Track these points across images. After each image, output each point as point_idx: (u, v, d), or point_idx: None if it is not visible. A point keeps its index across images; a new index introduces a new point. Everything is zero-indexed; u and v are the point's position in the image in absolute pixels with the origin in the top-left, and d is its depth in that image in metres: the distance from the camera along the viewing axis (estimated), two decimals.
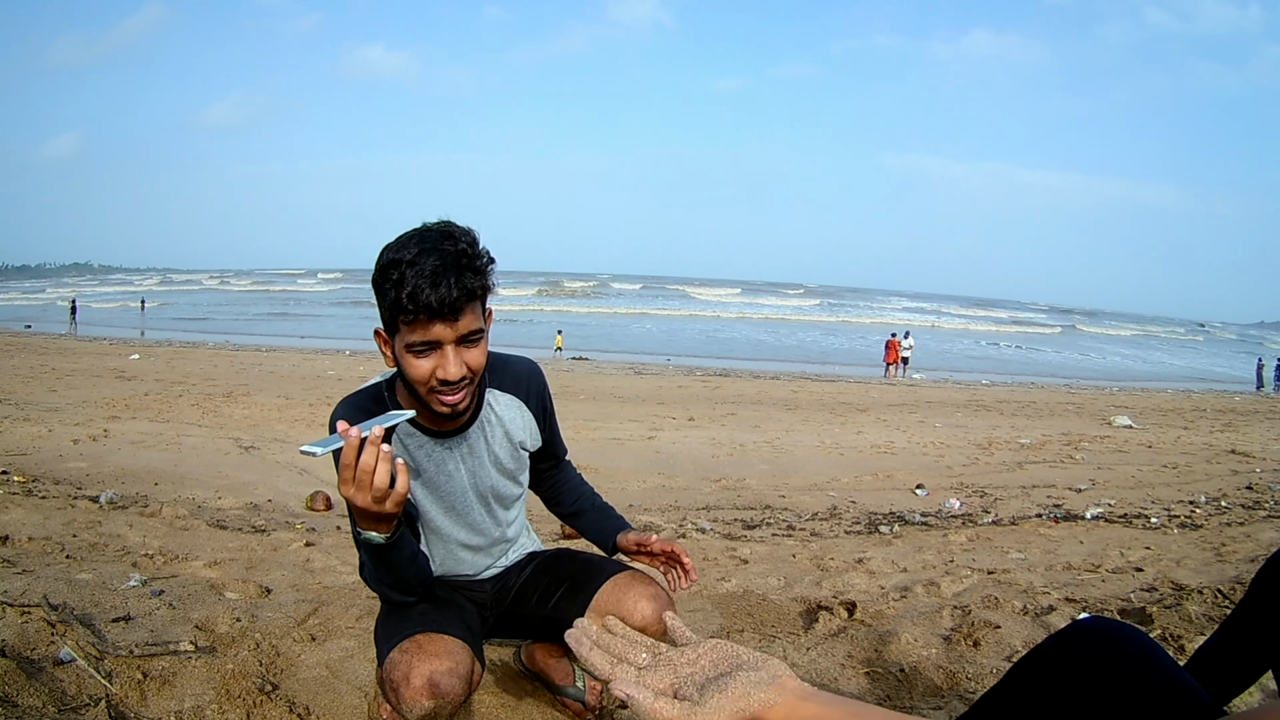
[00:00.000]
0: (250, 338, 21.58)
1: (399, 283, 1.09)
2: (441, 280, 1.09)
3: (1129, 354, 32.49)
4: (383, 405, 1.25)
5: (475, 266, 1.13)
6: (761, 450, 6.60)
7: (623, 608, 1.34)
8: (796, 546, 3.26)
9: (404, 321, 1.12)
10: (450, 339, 1.13)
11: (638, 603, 1.34)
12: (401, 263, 1.10)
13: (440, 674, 1.16)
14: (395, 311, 1.12)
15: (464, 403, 1.20)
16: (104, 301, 37.92)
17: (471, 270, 1.12)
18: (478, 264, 1.14)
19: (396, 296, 1.10)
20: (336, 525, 3.55)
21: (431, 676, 1.15)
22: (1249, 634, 1.12)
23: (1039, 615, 2.23)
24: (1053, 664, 0.90)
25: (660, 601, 1.34)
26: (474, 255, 1.14)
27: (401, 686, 1.15)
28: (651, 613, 1.32)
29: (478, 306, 1.16)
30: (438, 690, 1.15)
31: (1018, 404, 11.31)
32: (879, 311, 42.17)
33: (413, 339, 1.12)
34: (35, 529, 2.80)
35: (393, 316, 1.13)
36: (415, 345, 1.13)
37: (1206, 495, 4.70)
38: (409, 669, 1.16)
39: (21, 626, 1.64)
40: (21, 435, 5.48)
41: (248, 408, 7.70)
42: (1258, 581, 1.14)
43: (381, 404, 1.26)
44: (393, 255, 1.11)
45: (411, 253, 1.10)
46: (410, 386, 1.19)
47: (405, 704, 1.15)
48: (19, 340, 16.29)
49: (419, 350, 1.14)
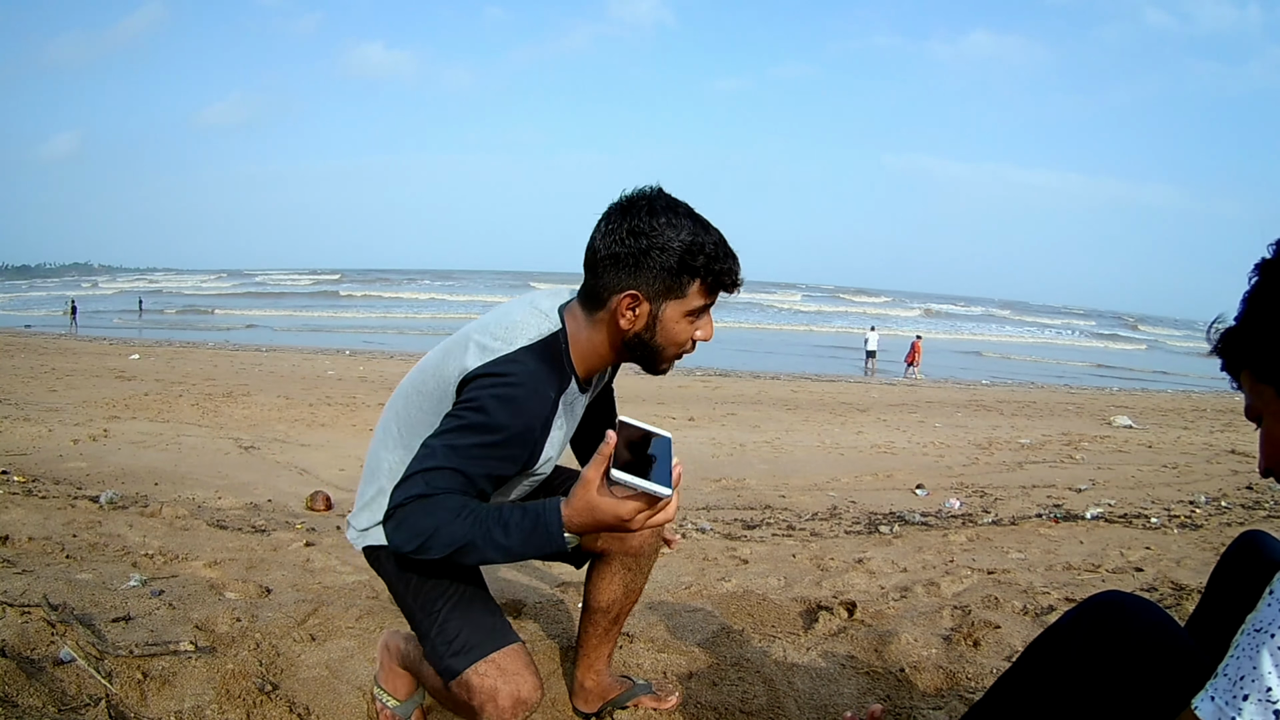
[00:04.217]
0: (251, 338, 21.58)
1: (713, 258, 1.23)
2: (737, 261, 1.27)
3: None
4: (563, 368, 1.30)
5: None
6: (761, 450, 6.60)
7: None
8: (796, 546, 3.26)
9: (702, 294, 1.26)
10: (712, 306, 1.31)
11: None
12: (706, 244, 1.23)
13: (525, 691, 1.27)
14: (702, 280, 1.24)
15: None
16: (102, 305, 37.87)
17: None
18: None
19: (717, 270, 1.24)
20: (336, 525, 3.55)
21: (518, 694, 1.26)
22: (1209, 632, 1.12)
23: (1039, 615, 2.23)
24: (1071, 635, 0.95)
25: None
26: None
27: (489, 705, 1.25)
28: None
29: None
30: (526, 706, 1.27)
31: (1018, 404, 11.32)
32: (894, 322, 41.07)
33: (696, 305, 1.27)
34: (35, 529, 2.80)
35: (678, 284, 1.24)
36: (696, 311, 1.27)
37: (1206, 495, 4.70)
38: (495, 690, 1.25)
39: (21, 626, 1.65)
40: (21, 435, 5.48)
41: (248, 408, 7.70)
42: (1214, 579, 1.15)
43: (562, 367, 1.30)
44: (687, 238, 1.22)
45: (710, 237, 1.24)
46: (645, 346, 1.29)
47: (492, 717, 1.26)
48: (19, 340, 16.29)
49: (696, 316, 1.28)
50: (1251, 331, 0.81)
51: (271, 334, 23.44)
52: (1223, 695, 0.73)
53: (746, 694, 1.69)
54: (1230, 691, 0.73)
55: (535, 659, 1.78)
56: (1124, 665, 0.91)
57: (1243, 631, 0.75)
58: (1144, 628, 0.93)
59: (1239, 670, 0.73)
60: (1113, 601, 0.97)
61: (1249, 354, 0.81)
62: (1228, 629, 1.04)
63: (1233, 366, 0.84)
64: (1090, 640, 0.95)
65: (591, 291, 1.28)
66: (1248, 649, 0.73)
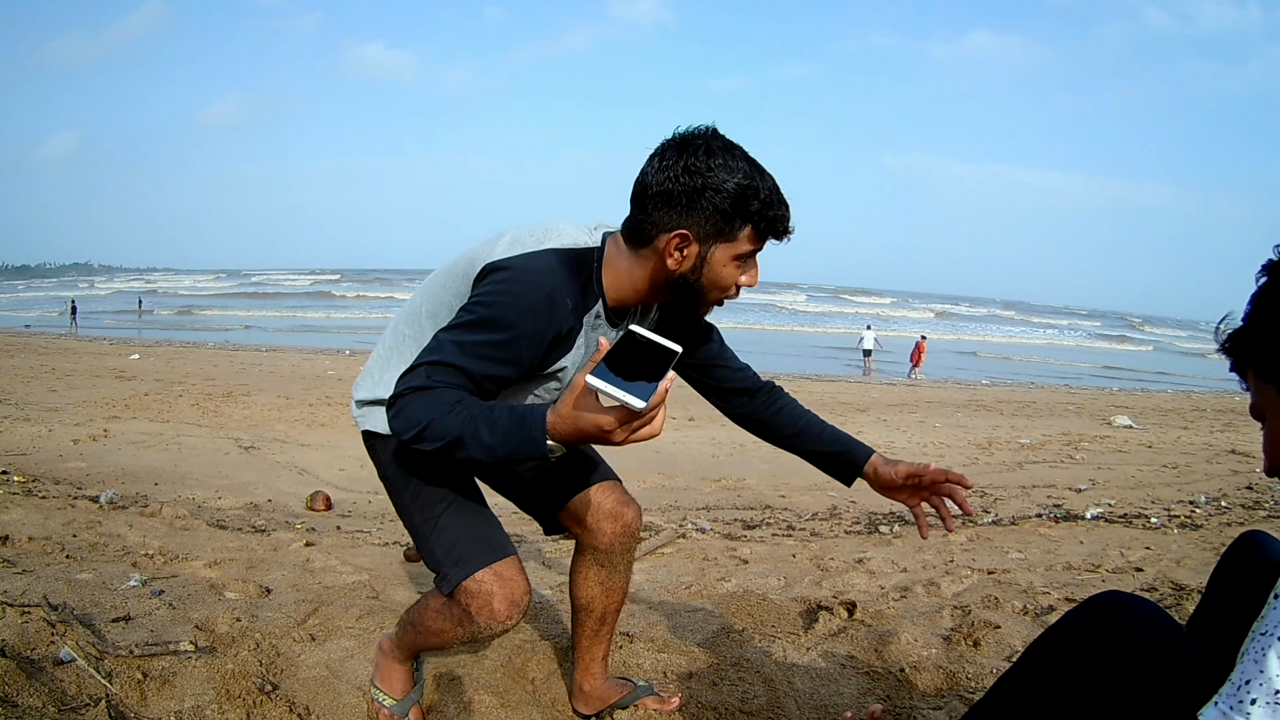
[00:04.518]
0: (251, 338, 21.58)
1: (767, 204, 1.21)
2: (789, 208, 1.24)
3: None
4: (590, 281, 1.28)
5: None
6: (761, 450, 6.58)
7: (601, 511, 1.53)
8: (796, 546, 3.26)
9: (752, 239, 1.23)
10: (759, 252, 1.28)
11: (621, 509, 1.54)
12: (761, 188, 1.20)
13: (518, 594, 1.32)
14: (754, 226, 1.22)
15: None
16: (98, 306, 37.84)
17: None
18: None
19: (771, 217, 1.22)
20: (336, 525, 3.55)
21: (511, 597, 1.31)
22: (1209, 633, 1.12)
23: (1039, 615, 2.23)
24: (1072, 635, 0.96)
25: (636, 508, 1.56)
26: None
27: (483, 611, 1.30)
28: (632, 518, 1.54)
29: None
30: (519, 608, 1.32)
31: (1018, 404, 11.31)
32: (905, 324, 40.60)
33: (745, 250, 1.24)
34: (35, 529, 2.80)
35: (730, 228, 1.21)
36: (744, 256, 1.25)
37: (1206, 495, 4.70)
38: (490, 597, 1.30)
39: (21, 626, 1.65)
40: (21, 435, 5.48)
41: (248, 408, 7.70)
42: (1214, 580, 1.15)
43: (589, 284, 1.28)
44: (743, 180, 1.19)
45: (765, 182, 1.21)
46: (687, 288, 1.26)
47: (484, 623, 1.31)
48: (19, 340, 16.28)
49: (743, 261, 1.25)
50: (1257, 331, 0.82)
51: (272, 334, 23.44)
52: (1228, 700, 0.73)
53: (746, 694, 1.69)
54: (1236, 696, 0.72)
55: (535, 659, 1.79)
56: (1125, 666, 0.91)
57: (1250, 637, 0.74)
58: (1144, 628, 0.93)
59: (1245, 675, 0.72)
60: (1113, 602, 0.97)
61: (1254, 353, 0.83)
62: (1227, 630, 1.04)
63: (1239, 365, 0.85)
64: (1091, 641, 0.95)
65: (637, 227, 1.25)
66: (1255, 654, 0.72)
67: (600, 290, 1.29)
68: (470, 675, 1.72)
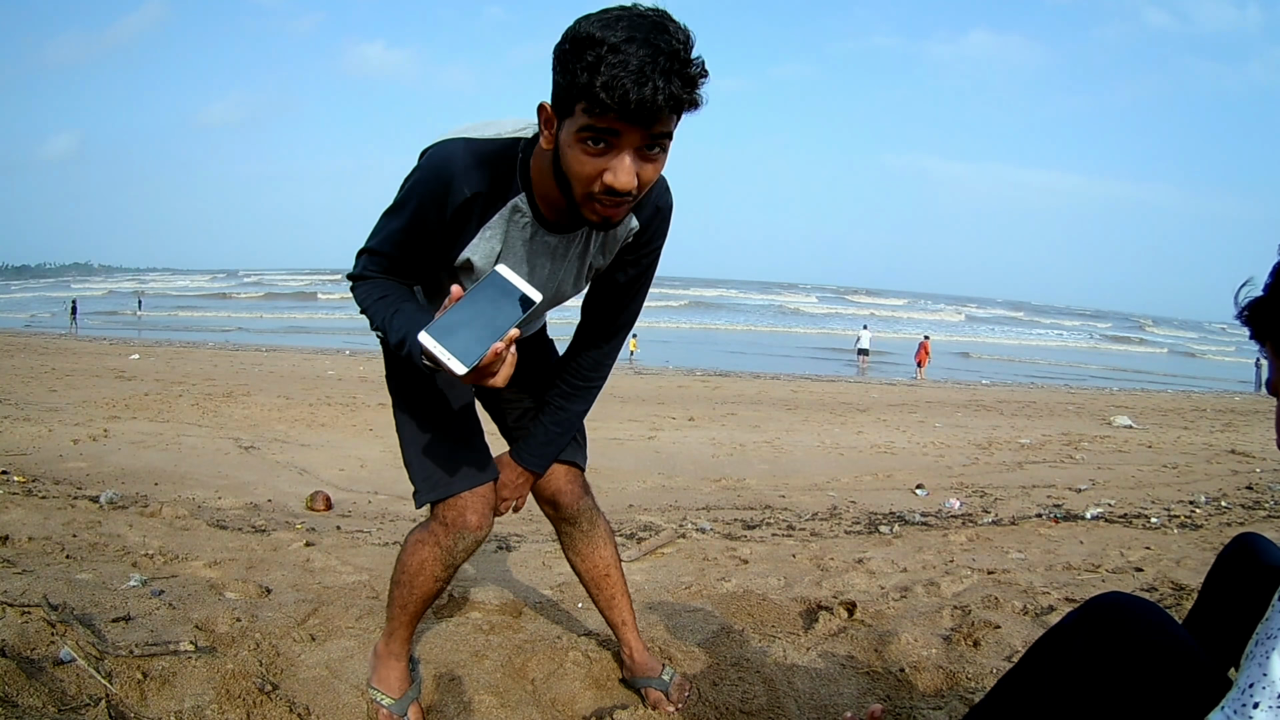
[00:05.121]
0: (251, 338, 21.58)
1: (594, 66, 0.95)
2: (647, 81, 0.94)
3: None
4: (511, 174, 1.17)
5: (687, 74, 0.98)
6: (761, 450, 6.60)
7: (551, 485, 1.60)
8: (796, 546, 3.26)
9: (585, 110, 0.98)
10: (632, 144, 1.00)
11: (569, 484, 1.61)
12: (603, 43, 0.95)
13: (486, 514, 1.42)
14: (579, 97, 0.97)
15: (619, 218, 1.07)
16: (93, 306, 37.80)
17: (682, 77, 0.97)
18: (689, 71, 0.99)
19: (589, 82, 0.95)
20: (336, 525, 3.55)
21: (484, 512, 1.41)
22: (1204, 634, 1.12)
23: (1039, 615, 2.23)
24: (1073, 636, 0.96)
25: (582, 480, 1.64)
26: (688, 60, 0.98)
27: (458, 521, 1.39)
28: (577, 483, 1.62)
29: (673, 121, 1.02)
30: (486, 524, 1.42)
31: (1018, 404, 11.31)
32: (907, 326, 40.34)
33: (587, 123, 0.98)
34: (35, 529, 2.80)
35: (569, 98, 0.99)
36: (588, 135, 0.99)
37: (1206, 495, 4.70)
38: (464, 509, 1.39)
39: (21, 626, 1.64)
40: (21, 435, 5.48)
41: (248, 408, 7.70)
42: (1209, 582, 1.15)
43: (510, 173, 1.17)
44: (594, 30, 0.96)
45: (618, 35, 0.95)
46: (564, 179, 1.06)
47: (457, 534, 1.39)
48: (19, 340, 16.28)
49: (591, 143, 1.00)
50: (1278, 302, 0.81)
51: (272, 334, 23.44)
52: (1232, 705, 0.72)
53: (746, 694, 1.69)
54: (1240, 700, 0.71)
55: (535, 659, 1.79)
56: (1125, 666, 0.91)
57: (1254, 641, 0.74)
58: (1145, 628, 0.93)
59: (1248, 679, 0.71)
60: (1114, 602, 0.97)
61: (1274, 324, 0.82)
62: (1222, 632, 1.04)
63: (1259, 335, 0.84)
64: (1091, 641, 0.95)
65: None
66: (1259, 658, 0.71)
67: (524, 185, 1.18)
68: (470, 675, 1.72)
